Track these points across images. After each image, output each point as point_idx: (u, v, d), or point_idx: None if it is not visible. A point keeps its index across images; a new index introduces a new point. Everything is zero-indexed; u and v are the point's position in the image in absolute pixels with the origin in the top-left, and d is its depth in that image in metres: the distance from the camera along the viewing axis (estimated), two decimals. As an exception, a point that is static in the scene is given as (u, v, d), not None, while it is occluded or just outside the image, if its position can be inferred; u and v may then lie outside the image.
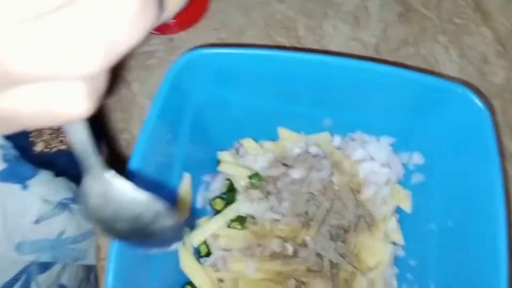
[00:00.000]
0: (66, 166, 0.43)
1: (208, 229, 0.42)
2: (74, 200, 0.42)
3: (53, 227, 0.40)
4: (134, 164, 0.33)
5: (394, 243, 0.42)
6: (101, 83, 0.17)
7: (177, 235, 0.24)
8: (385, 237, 0.41)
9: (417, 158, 0.42)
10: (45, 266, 0.40)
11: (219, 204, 0.43)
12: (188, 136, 0.40)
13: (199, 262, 0.41)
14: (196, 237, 0.41)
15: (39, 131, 0.43)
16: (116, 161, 0.48)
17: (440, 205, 0.39)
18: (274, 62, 0.39)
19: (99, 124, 0.49)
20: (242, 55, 0.38)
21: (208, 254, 0.42)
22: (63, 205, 0.41)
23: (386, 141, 0.42)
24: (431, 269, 0.39)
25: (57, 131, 0.43)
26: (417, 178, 0.42)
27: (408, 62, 0.50)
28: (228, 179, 0.44)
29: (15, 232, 0.37)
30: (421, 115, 0.40)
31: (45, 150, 0.43)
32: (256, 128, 0.45)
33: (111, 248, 0.32)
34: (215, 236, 0.42)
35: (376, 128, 0.43)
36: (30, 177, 0.37)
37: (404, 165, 0.43)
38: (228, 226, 0.42)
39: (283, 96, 0.41)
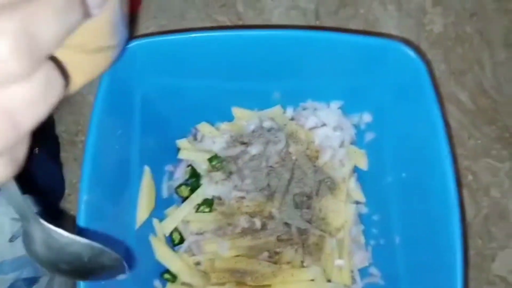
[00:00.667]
0: (28, 182, 0.43)
1: (177, 216, 0.42)
2: (41, 215, 0.42)
3: None
4: (87, 166, 0.33)
5: (356, 202, 0.44)
6: (21, 149, 0.16)
7: (119, 269, 0.27)
8: (347, 197, 0.43)
9: (366, 117, 0.43)
10: (31, 281, 0.40)
11: (184, 191, 0.44)
12: (140, 129, 0.40)
13: (174, 251, 0.42)
14: (167, 226, 0.42)
15: None
16: (76, 165, 0.48)
17: (393, 158, 0.41)
18: (217, 43, 0.39)
19: (51, 129, 0.48)
20: (182, 40, 0.38)
21: (181, 241, 0.43)
22: None
23: (335, 105, 0.43)
24: (393, 221, 0.41)
25: None
26: (369, 136, 0.43)
27: (349, 24, 0.51)
28: (190, 165, 0.45)
29: None
30: (365, 75, 0.41)
31: None
32: (210, 111, 0.45)
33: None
34: (186, 222, 0.43)
35: (325, 94, 0.44)
36: None
37: (356, 126, 0.44)
38: (197, 211, 0.43)
39: (231, 76, 0.42)
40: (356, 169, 0.44)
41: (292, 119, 0.45)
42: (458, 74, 0.51)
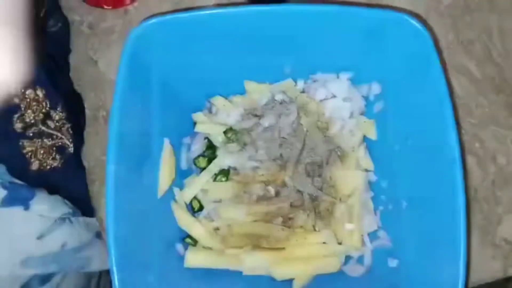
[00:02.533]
0: (59, 183, 0.46)
1: (196, 185, 0.45)
2: (73, 213, 0.45)
3: (56, 240, 0.43)
4: (112, 139, 0.36)
5: (365, 170, 0.46)
6: None
7: None
8: (356, 166, 0.45)
9: (375, 88, 0.45)
10: (45, 278, 0.43)
11: (202, 162, 0.46)
12: (159, 103, 0.43)
13: (194, 217, 0.45)
14: (186, 195, 0.45)
15: (34, 151, 0.45)
16: (98, 139, 0.51)
17: (400, 126, 0.43)
18: (229, 19, 0.41)
19: (79, 105, 0.51)
20: (196, 17, 0.40)
21: (200, 208, 0.45)
22: (62, 219, 0.44)
23: (344, 77, 0.45)
24: (400, 187, 0.43)
25: (49, 149, 0.46)
26: (378, 107, 0.45)
27: (358, -3, 0.52)
28: (206, 138, 0.47)
29: (20, 250, 0.40)
30: (373, 47, 0.42)
31: (41, 168, 0.46)
32: (224, 85, 0.47)
33: (107, 217, 0.35)
34: (204, 191, 0.45)
35: (335, 66, 0.45)
36: (31, 198, 0.41)
37: (365, 97, 0.46)
38: (214, 180, 0.45)
39: (243, 50, 0.43)
40: (365, 139, 0.46)
41: (303, 91, 0.46)
42: (466, 43, 0.52)
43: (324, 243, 0.43)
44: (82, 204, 0.48)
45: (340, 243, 0.43)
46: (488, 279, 0.48)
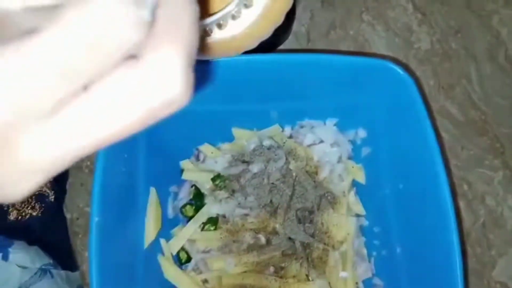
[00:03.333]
0: (39, 232, 0.44)
1: (184, 235, 0.44)
2: (54, 265, 0.43)
3: None
4: (96, 190, 0.35)
5: (357, 215, 0.45)
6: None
7: None
8: (347, 211, 0.44)
9: (361, 133, 0.45)
10: None
11: (189, 210, 0.45)
12: (145, 151, 0.42)
13: (181, 269, 0.43)
14: (173, 245, 0.43)
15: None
16: (82, 190, 0.49)
17: (389, 171, 0.43)
18: (217, 67, 0.41)
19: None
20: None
21: (188, 259, 0.44)
22: (43, 271, 0.42)
23: (331, 123, 0.45)
24: (393, 231, 0.42)
25: (28, 198, 0.45)
26: (365, 151, 0.45)
27: (339, 45, 0.53)
28: (194, 185, 0.46)
29: None
30: (358, 93, 0.43)
31: (19, 217, 0.44)
32: (211, 132, 0.47)
33: (91, 271, 0.33)
34: (192, 241, 0.44)
35: (321, 113, 0.46)
36: (9, 245, 0.39)
37: (352, 141, 0.46)
38: (202, 230, 0.44)
39: (230, 98, 0.44)
40: (354, 183, 0.46)
41: (290, 137, 0.47)
42: (447, 88, 0.53)
43: (318, 293, 0.41)
44: (63, 256, 0.46)
45: (334, 293, 0.42)
46: (487, 326, 0.46)
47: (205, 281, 0.43)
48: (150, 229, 0.41)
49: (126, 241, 0.39)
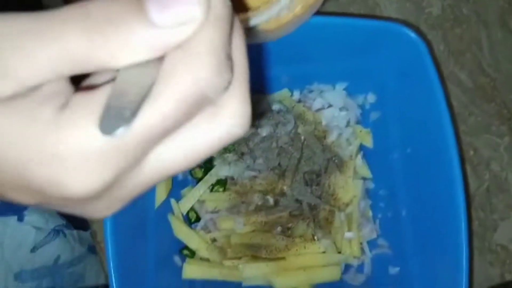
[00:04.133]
0: None
1: (193, 196, 0.45)
2: (67, 226, 0.44)
3: (49, 254, 0.42)
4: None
5: (363, 178, 0.46)
6: None
7: None
8: (354, 174, 0.45)
9: (371, 98, 0.45)
10: None
11: (198, 172, 0.46)
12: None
13: (191, 228, 0.44)
14: (183, 206, 0.44)
15: None
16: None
17: (397, 135, 0.43)
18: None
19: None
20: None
21: (197, 219, 0.45)
22: (56, 232, 0.43)
23: (340, 87, 0.45)
24: (399, 194, 0.43)
25: None
26: (373, 115, 0.45)
27: (350, 9, 0.52)
28: (203, 148, 0.47)
29: (13, 263, 0.39)
30: (368, 57, 0.43)
31: None
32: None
33: (105, 230, 0.34)
34: (201, 202, 0.45)
35: (330, 77, 0.46)
36: (24, 208, 0.39)
37: (361, 106, 0.46)
38: (211, 191, 0.45)
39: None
40: (362, 147, 0.46)
41: (299, 101, 0.47)
42: (457, 54, 0.53)
43: (323, 252, 0.43)
44: (75, 216, 0.47)
45: (339, 252, 0.43)
46: (485, 285, 0.48)
47: (214, 239, 0.44)
48: (161, 189, 0.42)
49: (138, 200, 0.40)
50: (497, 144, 0.51)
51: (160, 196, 0.42)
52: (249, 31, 0.34)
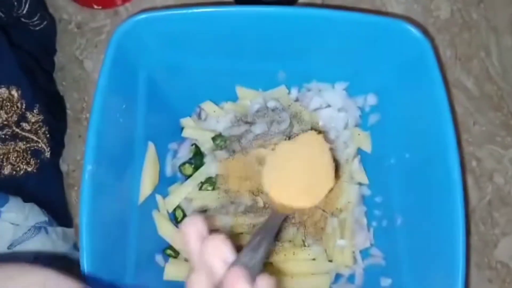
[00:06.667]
0: (34, 189, 0.43)
1: (181, 193, 0.42)
2: (49, 222, 0.42)
3: (28, 251, 0.40)
4: (91, 137, 0.33)
5: (359, 183, 0.44)
6: None
7: None
8: (350, 179, 0.43)
9: (371, 99, 0.43)
10: None
11: (188, 169, 0.44)
12: (145, 105, 0.41)
13: (177, 227, 0.42)
14: (170, 203, 0.42)
15: (6, 155, 0.42)
16: (80, 142, 0.48)
17: (396, 139, 0.41)
18: (222, 18, 0.39)
19: (60, 107, 0.48)
20: (186, 15, 0.38)
21: (184, 218, 0.43)
22: (37, 228, 0.41)
23: (340, 87, 0.43)
24: (395, 203, 0.41)
25: (23, 153, 0.43)
26: (373, 118, 0.43)
27: (355, 7, 0.50)
28: (194, 144, 0.45)
29: None
30: (370, 56, 0.41)
31: (13, 173, 0.43)
32: (215, 90, 0.45)
33: (81, 224, 0.32)
34: (189, 200, 0.43)
35: (330, 75, 0.44)
36: (2, 204, 0.38)
37: (361, 108, 0.44)
38: (200, 189, 0.43)
39: (236, 54, 0.42)
40: (359, 151, 0.44)
41: (296, 100, 0.45)
42: (464, 60, 0.51)
43: (313, 259, 0.41)
44: (59, 213, 0.45)
45: (330, 261, 0.41)
46: (484, 304, 0.46)
47: (200, 240, 0.42)
48: (147, 183, 0.40)
49: (121, 194, 0.38)
50: (501, 155, 0.49)
51: (145, 190, 0.40)
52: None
